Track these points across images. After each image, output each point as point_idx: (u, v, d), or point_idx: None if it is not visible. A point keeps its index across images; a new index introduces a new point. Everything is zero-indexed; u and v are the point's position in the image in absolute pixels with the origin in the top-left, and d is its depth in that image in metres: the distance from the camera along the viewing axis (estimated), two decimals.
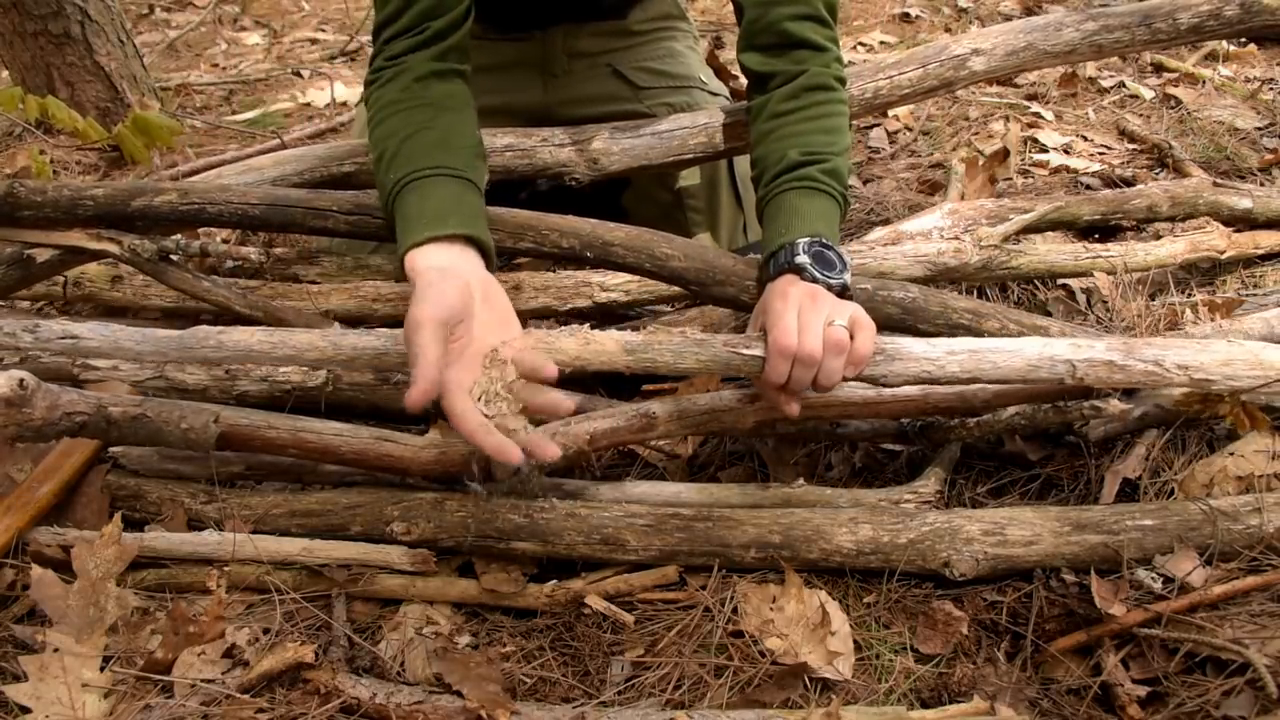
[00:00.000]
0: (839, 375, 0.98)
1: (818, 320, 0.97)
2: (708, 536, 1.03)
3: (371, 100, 1.15)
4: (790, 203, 1.11)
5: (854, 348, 0.97)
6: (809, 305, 0.99)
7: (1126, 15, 1.50)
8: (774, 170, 1.14)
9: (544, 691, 0.94)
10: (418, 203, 1.03)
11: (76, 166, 2.34)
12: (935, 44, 1.50)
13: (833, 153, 1.13)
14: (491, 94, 1.51)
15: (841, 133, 1.17)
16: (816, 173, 1.11)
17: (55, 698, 0.89)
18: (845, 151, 1.16)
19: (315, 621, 1.00)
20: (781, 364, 0.97)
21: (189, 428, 1.02)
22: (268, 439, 1.05)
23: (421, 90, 1.12)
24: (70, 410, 0.99)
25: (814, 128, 1.16)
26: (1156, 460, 1.13)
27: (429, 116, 1.10)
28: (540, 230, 1.21)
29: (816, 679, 0.93)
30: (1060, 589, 0.99)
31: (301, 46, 3.70)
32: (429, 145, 1.07)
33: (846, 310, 0.99)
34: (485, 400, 0.93)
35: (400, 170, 1.06)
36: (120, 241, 1.18)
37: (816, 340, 0.96)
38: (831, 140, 1.15)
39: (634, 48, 1.59)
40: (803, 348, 0.96)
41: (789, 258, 1.04)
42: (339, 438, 1.06)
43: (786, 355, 0.96)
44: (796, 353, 0.96)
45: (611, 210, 1.46)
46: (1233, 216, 1.61)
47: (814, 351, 0.96)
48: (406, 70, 1.13)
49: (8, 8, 2.36)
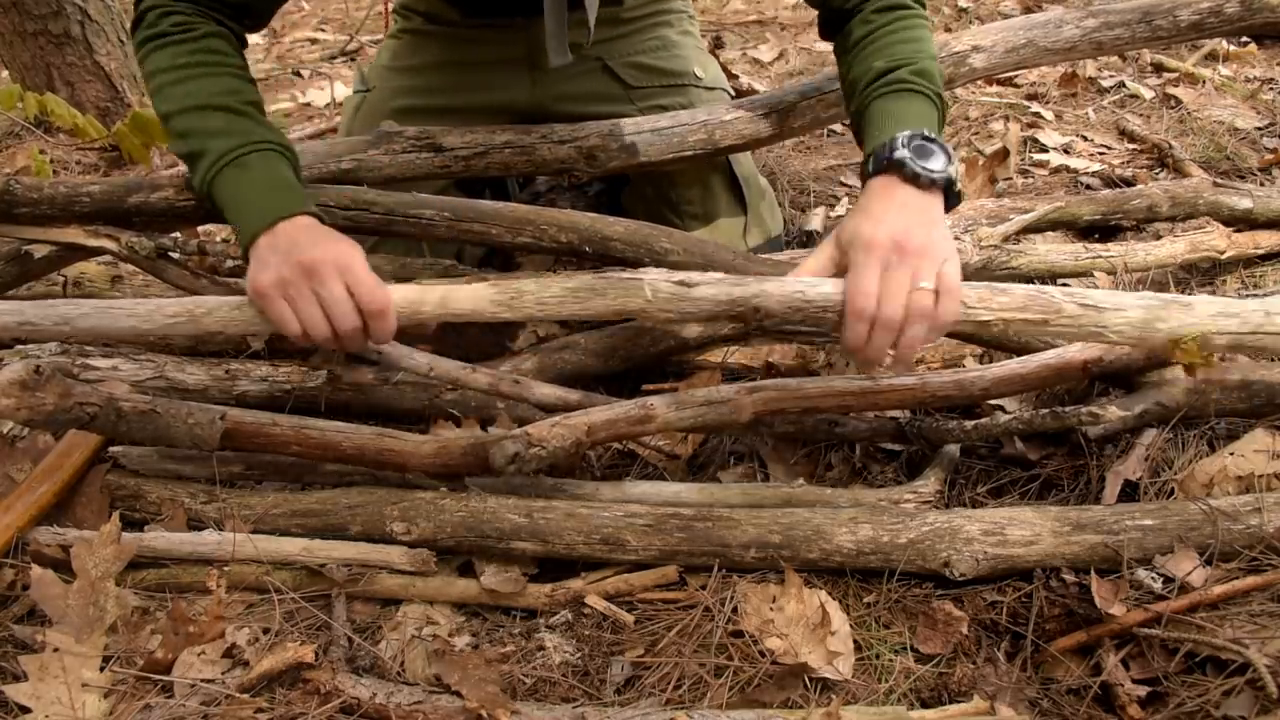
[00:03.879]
0: (919, 343, 0.93)
1: (903, 280, 0.92)
2: (708, 536, 1.03)
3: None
4: (883, 107, 1.07)
5: (938, 313, 0.92)
6: (896, 261, 0.93)
7: (1127, 12, 1.50)
8: (862, 85, 1.11)
9: (544, 691, 0.94)
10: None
11: (76, 166, 2.34)
12: (935, 41, 1.49)
13: (921, 57, 1.10)
14: (478, 92, 1.50)
15: (925, 42, 1.13)
16: (906, 74, 1.08)
17: (55, 698, 0.88)
18: (933, 56, 1.12)
19: (315, 621, 1.00)
20: (859, 326, 0.92)
21: (195, 423, 1.03)
22: (271, 435, 1.06)
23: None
24: (82, 400, 1.00)
25: (895, 39, 1.13)
26: (1156, 460, 1.13)
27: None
28: (538, 225, 1.21)
29: (816, 679, 0.93)
30: (1060, 589, 0.99)
31: (301, 46, 3.70)
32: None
33: (934, 265, 0.93)
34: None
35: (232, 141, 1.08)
36: (118, 238, 1.18)
37: (899, 306, 0.91)
38: (917, 48, 1.12)
39: (626, 37, 1.54)
40: (883, 312, 0.91)
41: (888, 153, 0.99)
42: (340, 434, 1.07)
43: (863, 318, 0.92)
44: (875, 318, 0.91)
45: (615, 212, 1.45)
46: (1233, 216, 1.61)
47: (894, 317, 0.91)
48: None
49: (8, 8, 2.36)
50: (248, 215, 1.05)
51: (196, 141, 1.09)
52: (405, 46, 1.57)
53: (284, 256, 0.99)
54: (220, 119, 1.09)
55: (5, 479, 1.08)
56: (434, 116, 1.44)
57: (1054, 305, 0.96)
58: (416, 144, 1.32)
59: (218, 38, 1.14)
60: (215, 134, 1.08)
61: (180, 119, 1.10)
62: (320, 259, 0.98)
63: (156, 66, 1.13)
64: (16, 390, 0.95)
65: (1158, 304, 0.97)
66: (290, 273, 0.98)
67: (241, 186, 1.07)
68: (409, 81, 1.54)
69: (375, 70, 1.60)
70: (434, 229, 1.24)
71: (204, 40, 1.13)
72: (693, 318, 0.98)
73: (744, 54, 3.14)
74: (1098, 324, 0.96)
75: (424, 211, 1.24)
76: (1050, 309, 0.96)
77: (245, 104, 1.11)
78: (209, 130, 1.08)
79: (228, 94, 1.11)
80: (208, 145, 1.08)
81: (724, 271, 1.17)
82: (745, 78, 2.66)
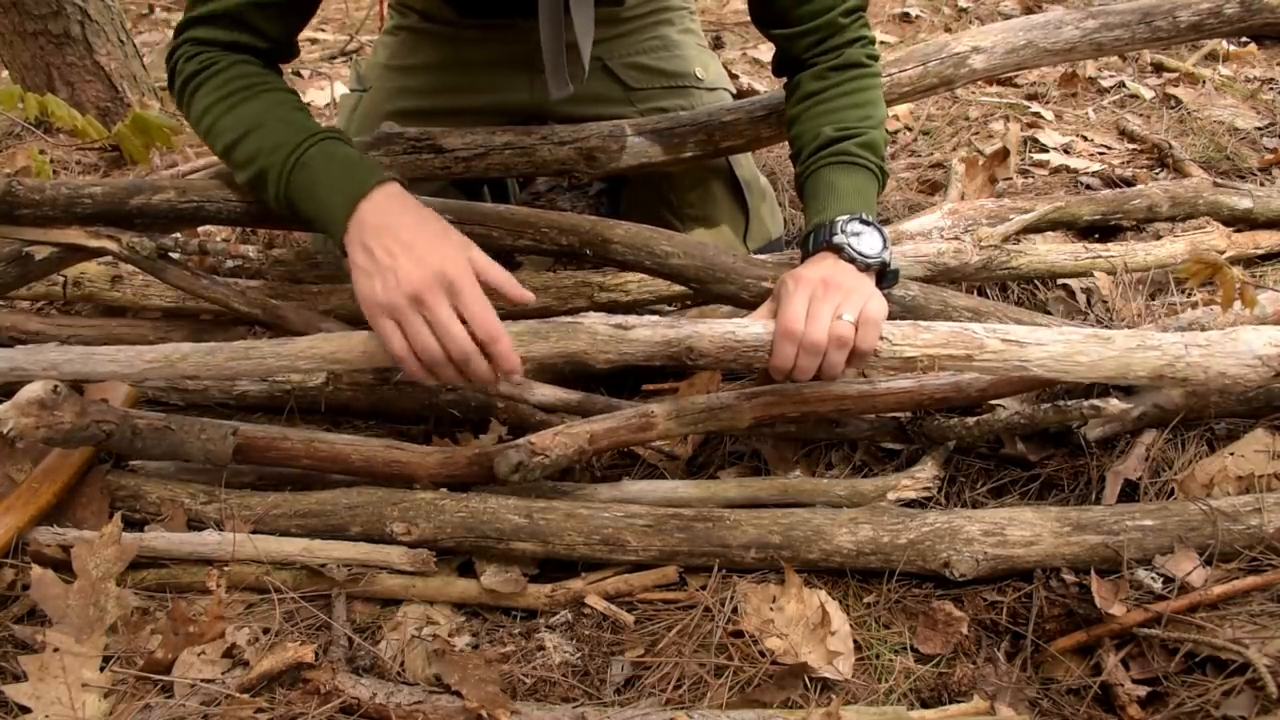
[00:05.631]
0: (839, 368, 0.99)
1: (826, 310, 0.98)
2: (708, 536, 1.03)
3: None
4: (826, 179, 1.12)
5: (857, 342, 0.98)
6: (820, 294, 0.99)
7: (1126, 13, 1.50)
8: (810, 148, 1.15)
9: (544, 691, 0.94)
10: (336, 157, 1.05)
11: (76, 166, 2.34)
12: (935, 42, 1.50)
13: (868, 126, 1.14)
14: (477, 94, 1.50)
15: (875, 105, 1.17)
16: (852, 147, 1.12)
17: (55, 698, 0.88)
18: (880, 124, 1.16)
19: (315, 621, 1.00)
20: (787, 347, 0.98)
21: (209, 438, 1.06)
22: (283, 449, 1.08)
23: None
24: (99, 419, 1.02)
25: (847, 103, 1.16)
26: (1156, 460, 1.13)
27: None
28: (539, 227, 1.21)
29: (816, 679, 0.93)
30: (1060, 589, 0.99)
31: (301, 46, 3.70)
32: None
33: (858, 304, 0.99)
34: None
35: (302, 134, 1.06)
36: (119, 239, 1.18)
37: (821, 330, 0.97)
38: (866, 115, 1.15)
39: (625, 36, 1.53)
40: (807, 336, 0.97)
41: (827, 236, 1.05)
42: (350, 446, 1.09)
43: (791, 339, 0.98)
44: (801, 339, 0.97)
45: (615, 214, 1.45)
46: (1233, 216, 1.61)
47: (818, 340, 0.97)
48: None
49: (8, 8, 2.36)
50: (326, 211, 1.02)
51: (259, 163, 1.06)
52: (402, 45, 1.56)
53: (390, 276, 0.96)
54: (274, 132, 1.06)
55: (5, 479, 1.08)
56: (433, 118, 1.44)
57: (976, 341, 1.00)
58: (417, 145, 1.32)
59: (245, 64, 1.12)
60: (272, 149, 1.05)
61: (241, 147, 1.07)
62: (428, 285, 0.95)
63: (201, 108, 1.10)
64: (35, 409, 0.98)
65: (1078, 338, 1.00)
66: (399, 300, 0.95)
67: (309, 187, 1.04)
68: (407, 82, 1.54)
69: (372, 68, 1.59)
70: None
71: (233, 68, 1.11)
72: (631, 359, 1.03)
73: (744, 54, 3.14)
74: (1020, 359, 1.00)
75: None
76: (973, 345, 1.00)
77: (294, 110, 1.10)
78: (268, 147, 1.06)
79: (276, 106, 1.09)
80: (269, 162, 1.05)
81: (724, 272, 1.17)
82: (745, 78, 2.66)
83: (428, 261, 0.96)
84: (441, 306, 0.95)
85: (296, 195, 1.04)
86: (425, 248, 0.97)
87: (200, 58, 1.12)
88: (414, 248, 0.97)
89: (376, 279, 0.97)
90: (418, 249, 0.97)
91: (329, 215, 1.02)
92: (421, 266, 0.95)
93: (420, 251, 0.96)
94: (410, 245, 0.97)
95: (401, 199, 1.02)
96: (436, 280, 0.95)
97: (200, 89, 1.11)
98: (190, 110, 1.13)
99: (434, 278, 0.95)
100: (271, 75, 1.14)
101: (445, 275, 0.95)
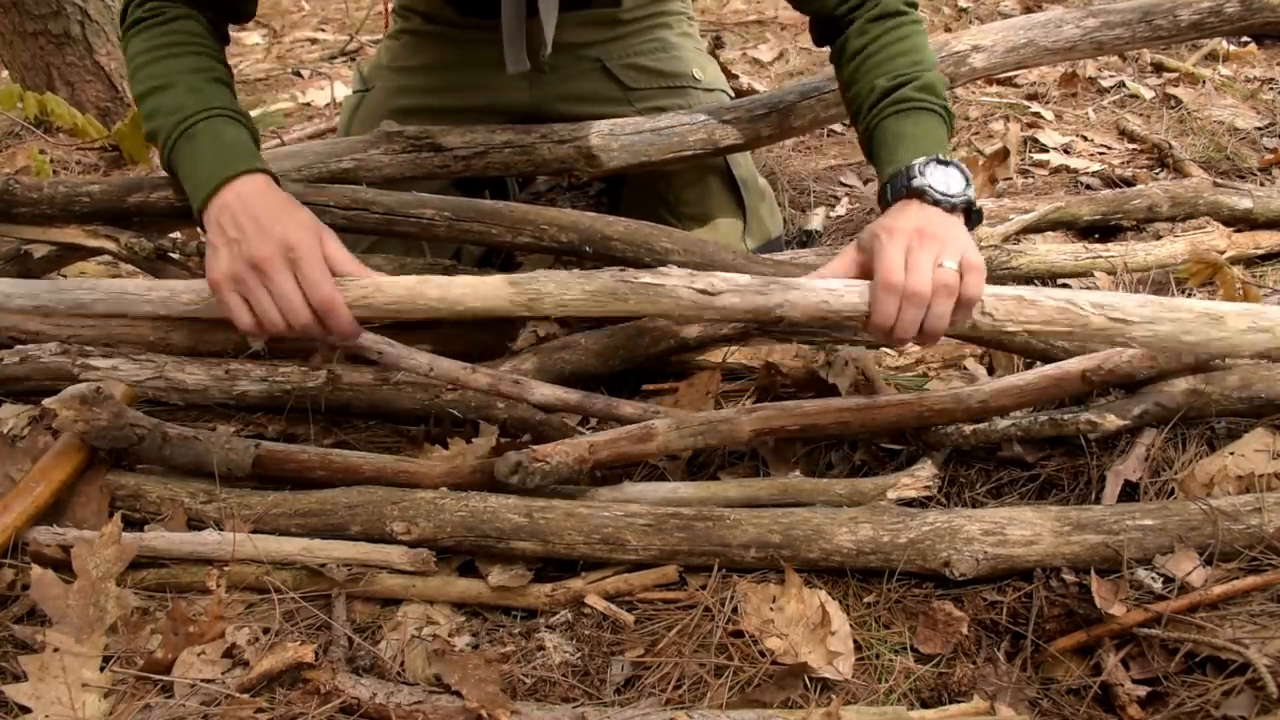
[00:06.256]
0: (946, 320, 0.94)
1: (926, 259, 0.93)
2: (708, 536, 1.03)
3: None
4: (893, 129, 1.08)
5: (963, 289, 0.94)
6: (917, 243, 0.95)
7: (1127, 12, 1.50)
8: (868, 104, 1.11)
9: (544, 691, 0.94)
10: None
11: (76, 166, 2.34)
12: (935, 41, 1.50)
13: (921, 70, 1.11)
14: (477, 92, 1.50)
15: (923, 50, 1.14)
16: (911, 92, 1.09)
17: (55, 698, 0.88)
18: (933, 66, 1.13)
19: (315, 621, 1.00)
20: (889, 301, 0.94)
21: (231, 449, 1.10)
22: (300, 461, 1.12)
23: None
24: (134, 423, 1.08)
25: (895, 51, 1.13)
26: (1157, 460, 1.13)
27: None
28: (539, 224, 1.21)
29: (816, 679, 0.93)
30: (1060, 589, 0.99)
31: (301, 46, 3.70)
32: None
33: (956, 250, 0.95)
34: None
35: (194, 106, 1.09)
36: (117, 239, 1.18)
37: (925, 279, 0.92)
38: (916, 60, 1.12)
39: (623, 38, 1.54)
40: (909, 285, 0.92)
41: (906, 181, 1.01)
42: (361, 459, 1.12)
43: (894, 292, 0.93)
44: (903, 290, 0.93)
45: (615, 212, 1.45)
46: (1233, 216, 1.61)
47: (921, 290, 0.92)
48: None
49: (8, 8, 2.36)
50: (195, 183, 1.05)
51: (158, 120, 1.10)
52: (405, 47, 1.57)
53: (235, 246, 1.00)
54: (179, 95, 1.10)
55: (5, 479, 1.08)
56: (433, 116, 1.44)
57: (1081, 319, 0.96)
58: (416, 144, 1.32)
59: (188, 19, 1.15)
60: (170, 111, 1.09)
61: (148, 100, 1.12)
62: (269, 255, 0.98)
63: (133, 52, 1.15)
64: (77, 404, 1.05)
65: (1189, 316, 0.95)
66: (241, 268, 0.99)
67: (189, 159, 1.07)
68: (408, 81, 1.54)
69: (374, 70, 1.60)
70: (434, 229, 1.24)
71: (174, 23, 1.15)
72: (713, 323, 0.98)
73: (744, 54, 3.14)
74: (1126, 336, 0.97)
75: (424, 211, 1.23)
76: (1078, 322, 0.96)
77: (209, 80, 1.12)
78: (168, 107, 1.09)
79: (192, 71, 1.12)
80: (163, 123, 1.09)
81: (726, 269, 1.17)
82: (745, 78, 2.66)
83: (272, 233, 0.99)
84: (282, 277, 0.98)
85: (178, 161, 1.08)
86: (271, 221, 1.00)
87: (149, 4, 1.15)
88: (260, 221, 1.00)
89: (223, 250, 1.00)
90: (264, 221, 1.00)
91: (195, 188, 1.05)
92: (266, 237, 0.99)
93: (266, 224, 1.00)
94: (258, 219, 1.00)
95: (266, 186, 1.05)
96: (279, 250, 0.98)
97: (139, 35, 1.15)
98: (126, 51, 1.17)
99: (276, 247, 0.98)
100: (206, 40, 1.17)
101: (288, 244, 0.98)
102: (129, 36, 1.16)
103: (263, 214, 1.01)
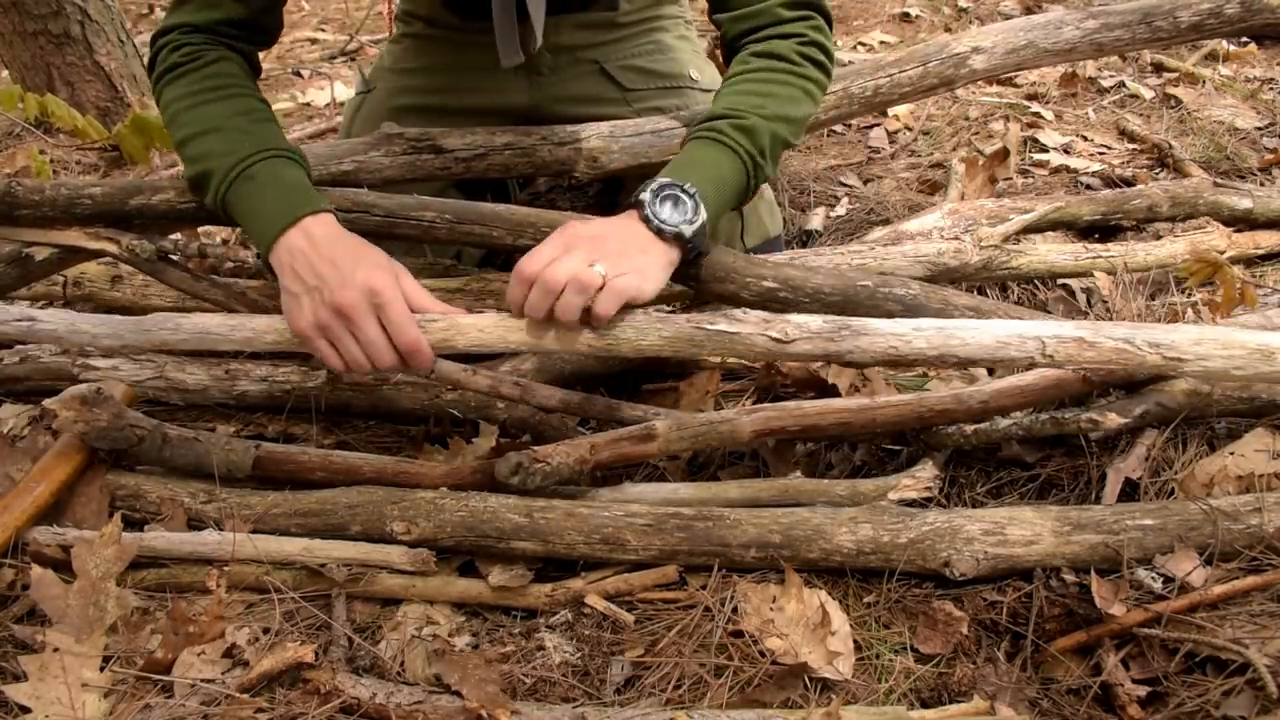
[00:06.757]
0: (575, 312, 0.96)
1: (577, 259, 0.96)
2: (708, 536, 1.03)
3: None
4: (686, 149, 1.11)
5: (598, 298, 0.96)
6: (577, 245, 0.98)
7: (1127, 13, 1.50)
8: (695, 122, 1.14)
9: (544, 691, 0.94)
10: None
11: (76, 166, 2.34)
12: (935, 42, 1.50)
13: (755, 113, 1.11)
14: (477, 94, 1.51)
15: (776, 98, 1.14)
16: (724, 125, 1.10)
17: (55, 698, 0.88)
18: (774, 118, 1.12)
19: (315, 621, 1.00)
20: (517, 289, 0.98)
21: (231, 450, 1.10)
22: (300, 462, 1.12)
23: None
24: (134, 424, 1.08)
25: (747, 89, 1.14)
26: (1157, 459, 1.13)
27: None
28: (540, 227, 1.21)
29: (816, 679, 0.93)
30: (1060, 589, 0.99)
31: (301, 46, 3.70)
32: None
33: (620, 267, 0.97)
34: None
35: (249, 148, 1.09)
36: (119, 241, 1.18)
37: (562, 272, 0.95)
38: (759, 103, 1.12)
39: (621, 41, 1.55)
40: (545, 275, 0.96)
41: (639, 195, 1.03)
42: (362, 460, 1.12)
43: (523, 281, 0.97)
44: (535, 278, 0.96)
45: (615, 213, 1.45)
46: (1233, 216, 1.61)
47: (553, 280, 0.95)
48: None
49: (8, 8, 2.36)
50: (261, 224, 1.05)
51: (207, 163, 1.09)
52: (406, 50, 1.58)
53: (317, 294, 0.99)
54: (231, 138, 1.09)
55: (5, 479, 1.08)
56: (433, 116, 1.44)
57: (1138, 359, 0.97)
58: (417, 146, 1.32)
59: (228, 61, 1.16)
60: (224, 153, 1.08)
61: (194, 143, 1.11)
62: (354, 303, 0.98)
63: (171, 98, 1.15)
64: (77, 404, 1.06)
65: (1241, 354, 0.96)
66: (326, 316, 0.99)
67: (250, 199, 1.07)
68: (409, 82, 1.55)
69: (376, 72, 1.62)
70: (435, 231, 1.24)
71: (214, 65, 1.15)
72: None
73: None
74: (1180, 371, 0.98)
75: (425, 213, 1.23)
76: (1133, 361, 0.97)
77: (257, 122, 1.12)
78: (220, 150, 1.09)
79: (240, 114, 1.12)
80: (217, 165, 1.08)
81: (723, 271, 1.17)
82: None
83: (354, 279, 0.99)
84: (368, 323, 0.99)
85: (234, 201, 1.08)
86: (351, 266, 1.00)
87: (185, 50, 1.15)
88: (340, 265, 1.00)
89: (304, 299, 1.01)
90: (344, 267, 1.00)
91: (260, 230, 1.05)
92: (347, 285, 0.98)
93: (347, 269, 0.99)
94: (336, 264, 1.00)
95: (334, 227, 1.05)
96: (363, 296, 0.98)
97: (176, 81, 1.15)
98: (160, 97, 1.17)
99: (360, 294, 0.98)
100: (246, 82, 1.17)
101: (371, 290, 0.98)
102: (165, 84, 1.15)
103: (341, 258, 1.00)
